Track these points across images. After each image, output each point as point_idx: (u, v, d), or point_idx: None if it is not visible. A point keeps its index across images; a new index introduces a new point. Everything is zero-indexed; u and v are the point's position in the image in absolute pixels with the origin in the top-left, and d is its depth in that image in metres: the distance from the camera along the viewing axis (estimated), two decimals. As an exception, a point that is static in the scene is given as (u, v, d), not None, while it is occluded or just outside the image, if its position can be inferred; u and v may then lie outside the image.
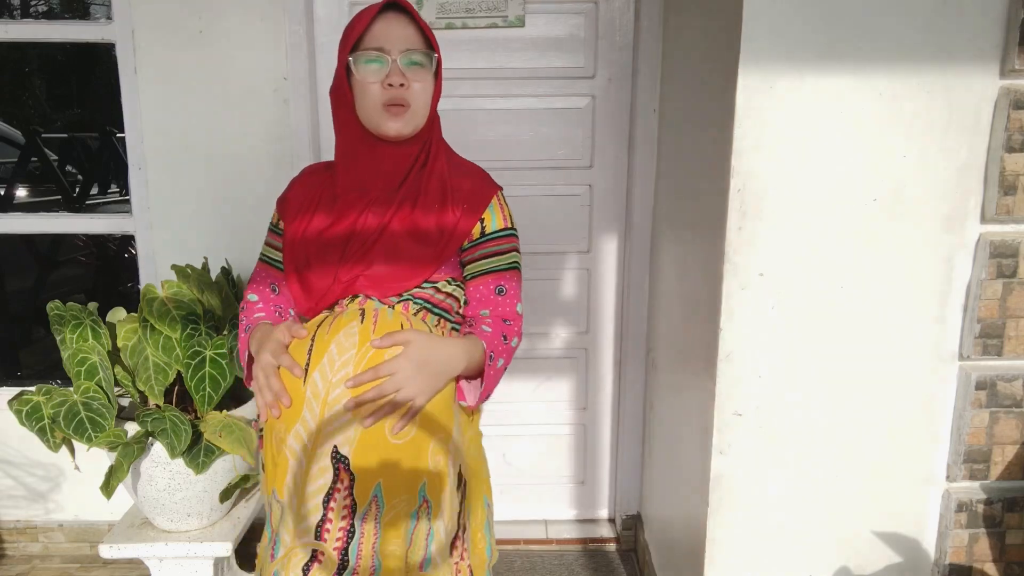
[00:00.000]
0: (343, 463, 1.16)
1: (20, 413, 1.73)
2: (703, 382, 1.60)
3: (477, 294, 1.28)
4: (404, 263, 1.22)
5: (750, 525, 1.57)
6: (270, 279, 1.38)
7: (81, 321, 1.82)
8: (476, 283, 1.28)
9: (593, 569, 2.35)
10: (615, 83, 2.25)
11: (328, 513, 1.17)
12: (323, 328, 1.20)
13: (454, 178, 1.28)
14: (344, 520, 1.17)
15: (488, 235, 1.28)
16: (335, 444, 1.15)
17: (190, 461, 1.76)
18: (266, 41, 2.11)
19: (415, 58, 1.20)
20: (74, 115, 8.86)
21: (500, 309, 1.28)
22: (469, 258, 1.28)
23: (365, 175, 1.25)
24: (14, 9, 7.24)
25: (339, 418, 1.15)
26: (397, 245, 1.22)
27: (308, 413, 1.16)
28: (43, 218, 2.48)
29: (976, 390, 1.49)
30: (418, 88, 1.20)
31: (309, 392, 1.16)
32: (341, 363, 1.16)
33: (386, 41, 1.18)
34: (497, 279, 1.28)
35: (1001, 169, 1.40)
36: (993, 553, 1.55)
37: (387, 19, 1.19)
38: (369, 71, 1.19)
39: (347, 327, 1.18)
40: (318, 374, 1.16)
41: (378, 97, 1.19)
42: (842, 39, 1.36)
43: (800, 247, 1.44)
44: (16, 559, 2.38)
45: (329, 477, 1.16)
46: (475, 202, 1.26)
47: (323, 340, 1.18)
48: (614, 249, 2.37)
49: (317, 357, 1.17)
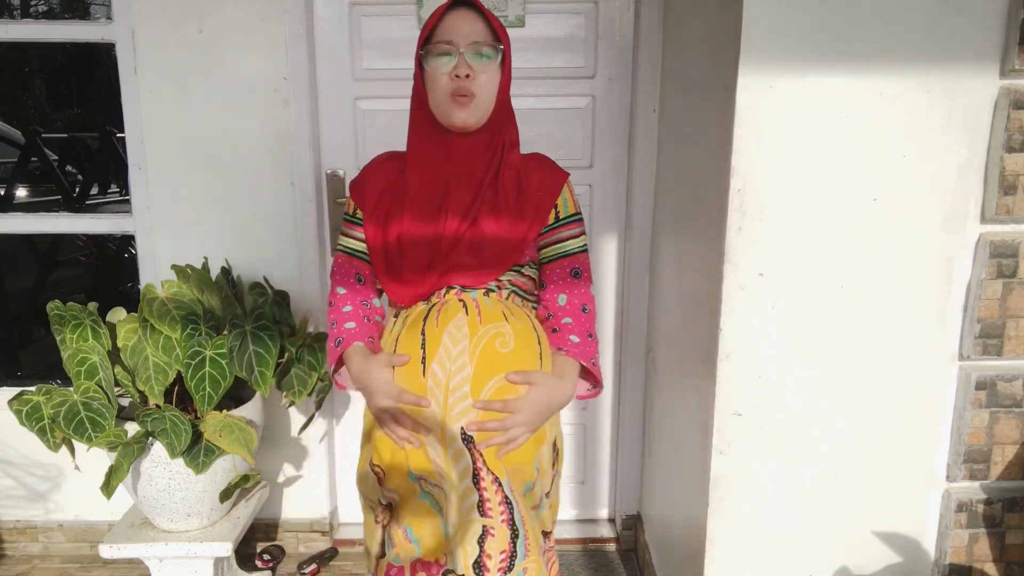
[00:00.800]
0: (471, 443, 1.25)
1: (20, 413, 1.73)
2: (703, 382, 1.60)
3: (554, 276, 1.37)
4: (491, 256, 1.30)
5: (750, 525, 1.57)
6: (354, 270, 1.41)
7: (81, 321, 1.82)
8: (552, 266, 1.37)
9: (593, 569, 2.35)
10: (615, 83, 2.25)
11: (483, 492, 1.26)
12: (430, 322, 1.28)
13: (526, 169, 1.35)
14: (498, 494, 1.27)
15: (562, 220, 1.37)
16: (462, 427, 1.25)
17: (190, 461, 1.76)
18: (266, 41, 2.11)
19: (482, 51, 1.26)
20: (74, 115, 8.86)
21: (578, 292, 1.37)
22: (546, 242, 1.37)
23: (438, 166, 1.31)
24: (14, 9, 7.24)
25: (462, 402, 1.25)
26: (483, 242, 1.29)
27: (433, 400, 1.25)
28: (43, 218, 2.48)
29: (976, 390, 1.49)
30: (484, 79, 1.27)
31: (431, 382, 1.26)
32: (457, 352, 1.25)
33: (454, 35, 1.25)
34: (572, 262, 1.38)
35: (1001, 169, 1.40)
36: (993, 553, 1.55)
37: (455, 14, 1.27)
38: (438, 64, 1.26)
39: (455, 319, 1.27)
40: (436, 365, 1.26)
41: (446, 88, 1.25)
42: (842, 39, 1.36)
43: (800, 247, 1.44)
44: (16, 559, 2.38)
45: (467, 458, 1.26)
46: (549, 191, 1.35)
47: (434, 333, 1.27)
48: (614, 249, 2.37)
49: (432, 348, 1.27)
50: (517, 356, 1.28)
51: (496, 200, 1.30)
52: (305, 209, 2.20)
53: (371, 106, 2.24)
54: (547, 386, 1.29)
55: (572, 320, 1.36)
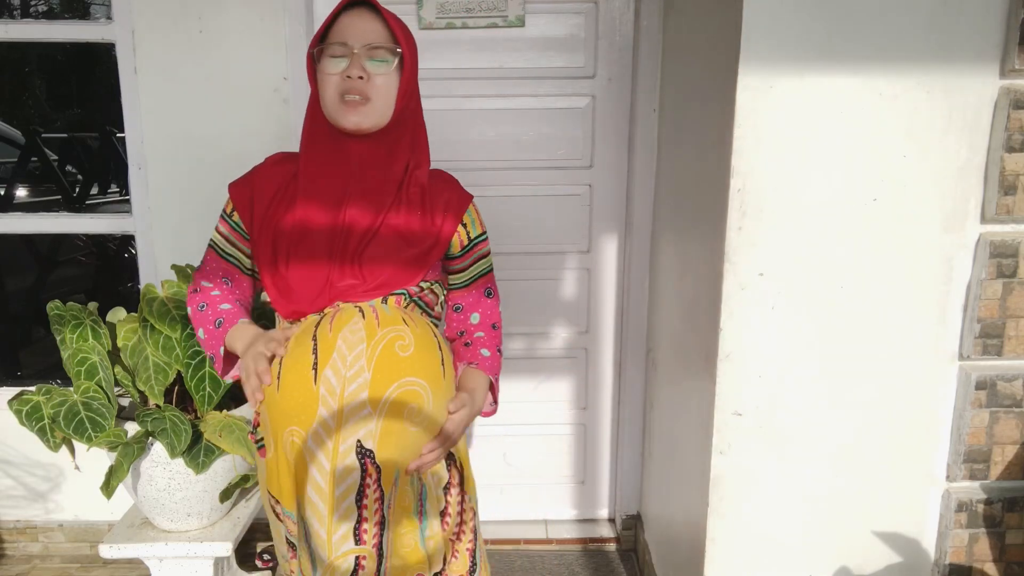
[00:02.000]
0: (369, 457, 1.16)
1: (20, 413, 1.73)
2: (703, 382, 1.60)
3: (470, 298, 1.38)
4: (399, 266, 1.24)
5: (750, 525, 1.57)
6: (222, 272, 1.34)
7: (81, 321, 1.82)
8: (468, 289, 1.38)
9: (593, 569, 2.35)
10: (615, 83, 2.25)
11: (363, 512, 1.18)
12: (323, 327, 1.19)
13: (433, 188, 1.30)
14: (376, 514, 1.19)
15: (473, 241, 1.34)
16: (358, 439, 1.16)
17: (190, 461, 1.76)
18: (266, 41, 2.11)
19: (378, 54, 1.20)
20: (74, 115, 8.85)
21: (490, 313, 1.39)
22: (460, 266, 1.35)
23: (333, 173, 1.24)
24: (14, 9, 7.24)
25: (359, 411, 1.15)
26: (390, 247, 1.23)
27: (325, 411, 1.15)
28: (43, 218, 2.48)
29: (976, 390, 1.49)
30: (380, 82, 1.20)
31: (323, 390, 1.15)
32: (353, 357, 1.15)
33: (349, 36, 1.19)
34: (484, 282, 1.39)
35: (1001, 169, 1.40)
36: (993, 553, 1.55)
37: (352, 14, 1.21)
38: (330, 65, 1.20)
39: (350, 323, 1.18)
40: (330, 371, 1.15)
41: (337, 88, 1.19)
42: (842, 39, 1.36)
43: (800, 247, 1.44)
44: (16, 559, 2.38)
45: (357, 475, 1.16)
46: (455, 209, 1.31)
47: (327, 338, 1.17)
48: (614, 249, 2.37)
49: (325, 354, 1.16)
50: (418, 361, 1.19)
51: (395, 225, 1.24)
52: (305, 209, 2.20)
53: (371, 106, 2.24)
54: (471, 408, 1.27)
55: (484, 335, 1.37)
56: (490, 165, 2.29)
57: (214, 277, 1.34)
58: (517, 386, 2.45)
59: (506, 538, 2.45)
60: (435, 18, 2.17)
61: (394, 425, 1.17)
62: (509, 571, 2.31)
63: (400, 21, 1.24)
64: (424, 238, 1.26)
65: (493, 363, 1.35)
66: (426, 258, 1.26)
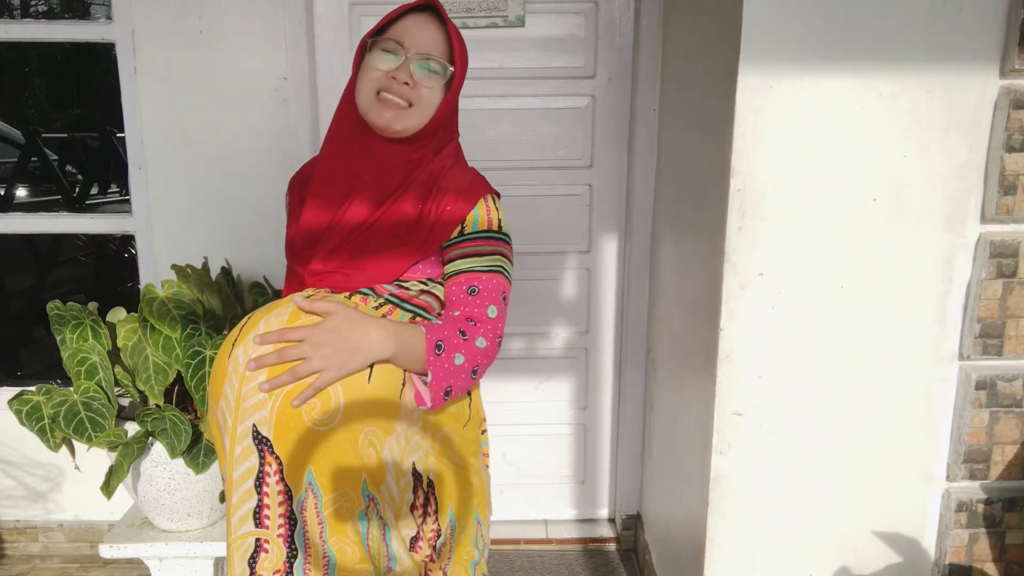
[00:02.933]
0: (266, 445, 1.08)
1: (20, 413, 1.72)
2: (703, 382, 1.60)
3: (450, 295, 1.21)
4: (379, 258, 1.18)
5: (750, 525, 1.57)
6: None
7: (81, 321, 1.82)
8: (450, 283, 1.21)
9: (593, 569, 2.35)
10: (615, 83, 2.25)
11: (263, 499, 1.09)
12: (263, 309, 1.16)
13: (446, 180, 1.22)
14: (282, 507, 1.09)
15: (467, 235, 1.21)
16: (254, 423, 1.08)
17: (190, 461, 1.76)
18: (266, 41, 2.11)
19: (431, 65, 1.17)
20: (74, 115, 8.85)
21: (467, 309, 1.19)
22: (447, 258, 1.22)
23: (347, 164, 1.21)
24: (14, 9, 7.24)
25: (254, 395, 1.07)
26: (372, 240, 1.18)
27: (228, 388, 1.10)
28: (43, 218, 2.48)
29: (976, 390, 1.49)
30: (425, 92, 1.17)
31: (231, 367, 1.10)
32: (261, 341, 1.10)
33: (407, 37, 1.16)
34: (471, 279, 1.19)
35: (1001, 169, 1.40)
36: (993, 553, 1.55)
37: (418, 18, 1.18)
38: (380, 59, 1.17)
39: (284, 305, 1.14)
40: (240, 348, 1.10)
41: (376, 83, 1.16)
42: (842, 39, 1.36)
43: (800, 247, 1.44)
44: (16, 559, 2.38)
45: (255, 460, 1.09)
46: (461, 201, 1.20)
47: (255, 317, 1.14)
48: (614, 249, 2.37)
49: (245, 333, 1.12)
50: None
51: (391, 217, 1.18)
52: (305, 209, 2.20)
53: (371, 106, 2.24)
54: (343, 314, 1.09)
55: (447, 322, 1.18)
56: (490, 165, 2.29)
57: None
58: (517, 386, 2.45)
59: (506, 538, 2.45)
60: (435, 18, 2.17)
61: (292, 418, 1.07)
62: (509, 571, 2.31)
63: (461, 38, 1.21)
64: (416, 232, 1.19)
65: (444, 331, 1.14)
66: (419, 248, 1.18)
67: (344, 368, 1.08)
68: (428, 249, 1.19)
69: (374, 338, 1.09)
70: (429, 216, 1.19)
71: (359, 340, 1.08)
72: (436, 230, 1.19)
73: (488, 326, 1.19)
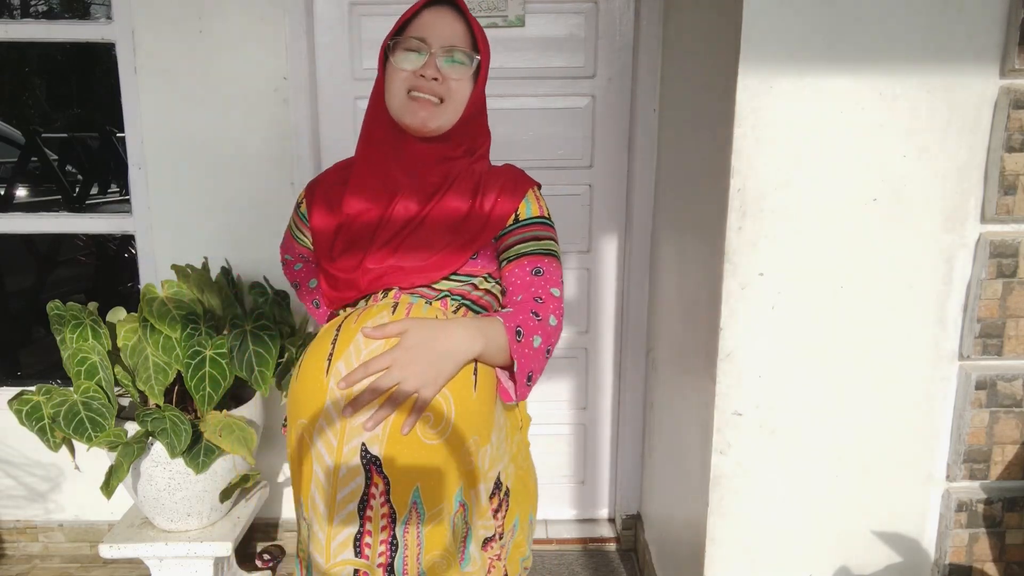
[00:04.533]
0: (375, 464, 1.05)
1: (20, 413, 1.73)
2: (703, 382, 1.60)
3: (513, 277, 1.19)
4: (436, 251, 1.16)
5: (750, 525, 1.57)
6: (298, 251, 1.44)
7: (81, 321, 1.82)
8: (512, 267, 1.19)
9: (593, 569, 2.35)
10: (615, 83, 2.25)
11: (366, 524, 1.06)
12: (350, 318, 1.13)
13: (490, 177, 1.23)
14: (384, 531, 1.07)
15: (522, 221, 1.21)
16: (363, 441, 1.05)
17: (190, 461, 1.76)
18: (266, 41, 2.11)
19: (456, 56, 1.15)
20: (74, 115, 8.86)
21: (533, 290, 1.16)
22: (505, 244, 1.21)
23: (384, 169, 1.20)
24: (14, 9, 7.24)
25: (368, 411, 1.05)
26: (430, 234, 1.16)
27: (331, 405, 1.07)
28: (43, 218, 2.48)
29: (976, 390, 1.49)
30: (454, 85, 1.15)
31: (332, 382, 1.07)
32: (369, 352, 1.07)
33: (429, 33, 1.14)
34: (534, 261, 1.18)
35: (1001, 169, 1.40)
36: (993, 553, 1.55)
37: (436, 11, 1.16)
38: (405, 59, 1.15)
39: (377, 316, 1.11)
40: (342, 363, 1.07)
41: (405, 84, 1.14)
42: (842, 39, 1.36)
43: (800, 247, 1.44)
44: (16, 559, 2.38)
45: (361, 481, 1.06)
46: (510, 191, 1.21)
47: (349, 329, 1.10)
48: (614, 249, 2.37)
49: (342, 346, 1.09)
50: None
51: (443, 211, 1.17)
52: (305, 209, 2.20)
53: (371, 106, 2.24)
54: (417, 327, 1.06)
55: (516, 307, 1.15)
56: (490, 165, 2.29)
57: (293, 252, 1.46)
58: (517, 386, 2.45)
59: (506, 538, 2.45)
60: (435, 18, 2.17)
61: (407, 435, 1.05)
62: (509, 571, 2.31)
63: (481, 27, 1.20)
64: (473, 218, 1.18)
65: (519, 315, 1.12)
66: (473, 241, 1.17)
67: (441, 377, 1.06)
68: (483, 240, 1.18)
69: (460, 337, 1.07)
70: (482, 209, 1.18)
71: (446, 344, 1.06)
72: (491, 222, 1.18)
73: (554, 304, 1.17)
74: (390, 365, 1.03)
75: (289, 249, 1.47)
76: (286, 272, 1.50)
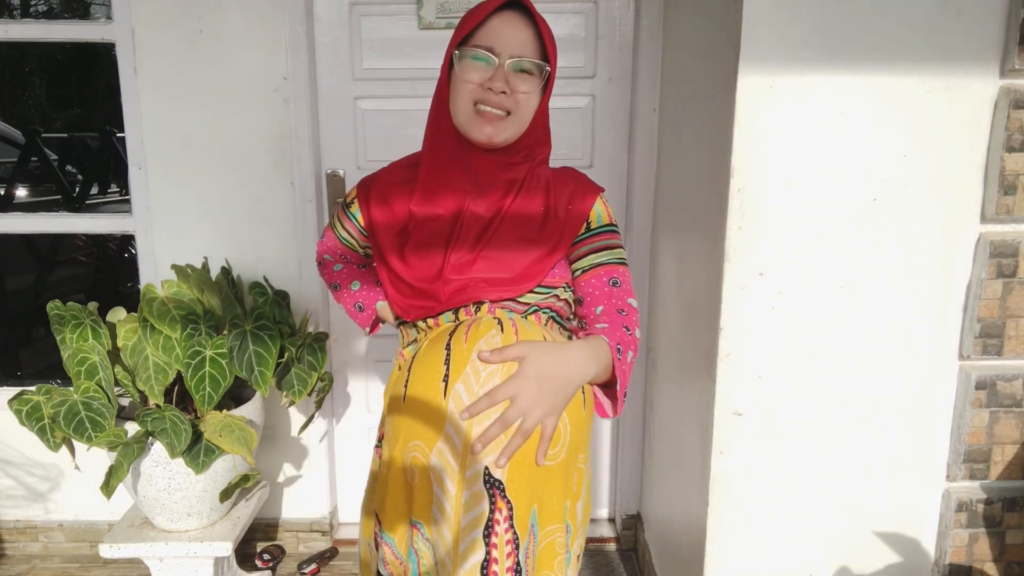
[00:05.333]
0: (498, 488, 1.03)
1: (20, 413, 1.73)
2: (703, 382, 1.60)
3: (590, 287, 1.17)
4: (519, 261, 1.13)
5: (750, 525, 1.57)
6: (341, 253, 1.37)
7: (81, 321, 1.82)
8: (588, 277, 1.18)
9: (593, 569, 2.35)
10: (615, 83, 2.25)
11: (492, 551, 1.03)
12: (458, 337, 1.08)
13: (557, 183, 1.21)
14: (509, 559, 1.04)
15: (595, 230, 1.20)
16: (486, 466, 1.02)
17: (190, 461, 1.76)
18: (266, 41, 2.11)
19: (525, 65, 1.10)
20: (74, 115, 8.86)
21: (615, 301, 1.17)
22: (578, 253, 1.19)
23: (450, 181, 1.16)
24: (14, 9, 7.24)
25: (489, 435, 1.03)
26: (509, 240, 1.12)
27: (452, 430, 1.03)
28: (43, 218, 2.48)
29: (976, 390, 1.49)
30: (523, 98, 1.10)
31: (452, 405, 1.04)
32: (488, 374, 1.04)
33: (498, 41, 1.08)
34: (610, 271, 1.18)
35: (1001, 169, 1.40)
36: (993, 553, 1.55)
37: (506, 17, 1.09)
38: (472, 68, 1.09)
39: (487, 336, 1.07)
40: (462, 385, 1.04)
41: (472, 96, 1.09)
42: (842, 39, 1.36)
43: (800, 247, 1.44)
44: (16, 559, 2.38)
45: (485, 506, 1.03)
46: (581, 198, 1.19)
47: (461, 349, 1.06)
48: (614, 249, 2.37)
49: (458, 367, 1.05)
50: None
51: (519, 212, 1.15)
52: (305, 209, 2.20)
53: (371, 106, 2.24)
54: (537, 354, 1.04)
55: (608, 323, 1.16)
56: (490, 165, 2.29)
57: (334, 252, 1.38)
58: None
59: (506, 538, 2.45)
60: (435, 18, 2.17)
61: (527, 458, 1.04)
62: (509, 571, 2.31)
63: (552, 33, 1.14)
64: (549, 227, 1.15)
65: (616, 332, 1.12)
66: (554, 250, 1.14)
67: (562, 406, 1.06)
68: (564, 246, 1.15)
69: (578, 363, 1.06)
70: (557, 213, 1.16)
71: (567, 372, 1.05)
72: (568, 227, 1.16)
73: (636, 316, 1.18)
74: (515, 396, 1.02)
75: (330, 249, 1.39)
76: (324, 273, 1.43)
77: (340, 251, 1.38)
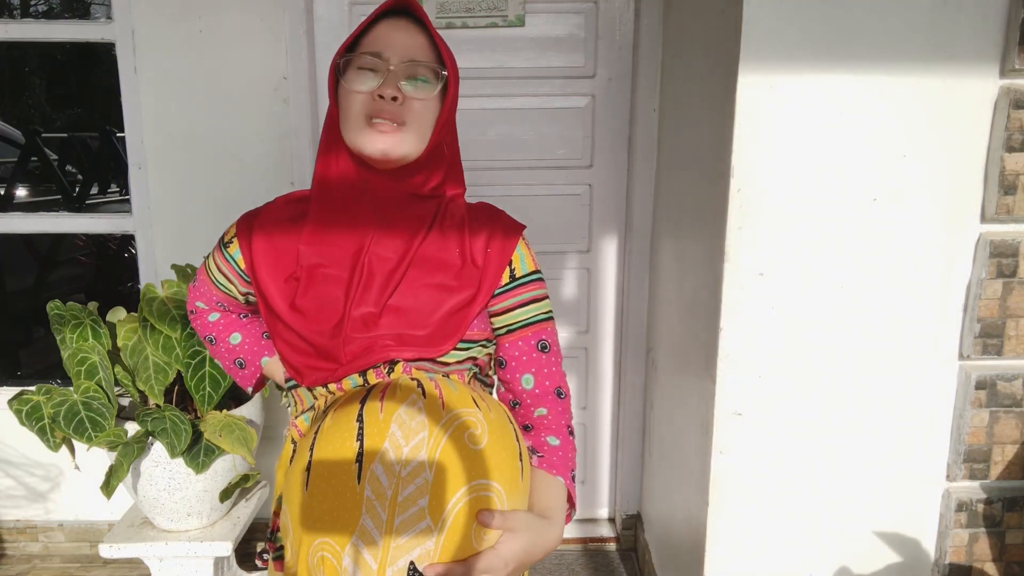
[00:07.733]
0: None
1: (20, 413, 1.73)
2: (703, 382, 1.60)
3: (516, 351, 1.06)
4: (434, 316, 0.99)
5: (750, 525, 1.57)
6: (216, 299, 1.19)
7: (81, 321, 1.82)
8: (514, 338, 1.06)
9: (593, 569, 2.35)
10: (615, 83, 2.25)
11: None
12: (371, 405, 0.91)
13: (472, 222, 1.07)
14: None
15: (520, 279, 1.06)
16: (412, 560, 0.86)
17: (190, 461, 1.76)
18: (266, 41, 2.11)
19: (418, 72, 0.98)
20: (74, 115, 8.86)
21: (548, 373, 1.06)
22: (502, 307, 1.05)
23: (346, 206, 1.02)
24: (14, 9, 7.24)
25: (415, 524, 0.86)
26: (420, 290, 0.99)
27: (370, 521, 0.86)
28: (43, 218, 2.48)
29: (976, 390, 1.49)
30: (417, 107, 0.98)
31: (369, 491, 0.87)
32: (411, 450, 0.88)
33: (385, 47, 0.97)
34: (538, 333, 1.06)
35: (1001, 169, 1.40)
36: (993, 553, 1.55)
37: (392, 23, 0.99)
38: (358, 78, 0.97)
39: (406, 402, 0.92)
40: (379, 466, 0.87)
41: (363, 108, 0.96)
42: (842, 39, 1.36)
43: (800, 247, 1.44)
44: (16, 559, 2.38)
45: None
46: (501, 240, 1.06)
47: (376, 421, 0.90)
48: (614, 249, 2.37)
49: (374, 443, 0.88)
50: (493, 456, 0.92)
51: (432, 255, 1.01)
52: (305, 209, 2.20)
53: (371, 106, 2.24)
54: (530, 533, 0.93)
55: (547, 411, 1.05)
56: (490, 165, 2.29)
57: (208, 300, 1.20)
58: (517, 386, 2.45)
59: (506, 538, 2.45)
60: (435, 18, 2.17)
61: (459, 544, 0.88)
62: (509, 571, 2.31)
63: (444, 40, 1.03)
64: (467, 272, 1.02)
65: (565, 456, 1.03)
66: (473, 301, 1.01)
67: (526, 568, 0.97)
68: (484, 296, 1.02)
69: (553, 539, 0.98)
70: (474, 260, 1.03)
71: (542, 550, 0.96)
72: (488, 273, 1.03)
73: (569, 401, 1.09)
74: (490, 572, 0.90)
75: (204, 295, 1.20)
76: (196, 324, 1.24)
77: (217, 298, 1.18)
